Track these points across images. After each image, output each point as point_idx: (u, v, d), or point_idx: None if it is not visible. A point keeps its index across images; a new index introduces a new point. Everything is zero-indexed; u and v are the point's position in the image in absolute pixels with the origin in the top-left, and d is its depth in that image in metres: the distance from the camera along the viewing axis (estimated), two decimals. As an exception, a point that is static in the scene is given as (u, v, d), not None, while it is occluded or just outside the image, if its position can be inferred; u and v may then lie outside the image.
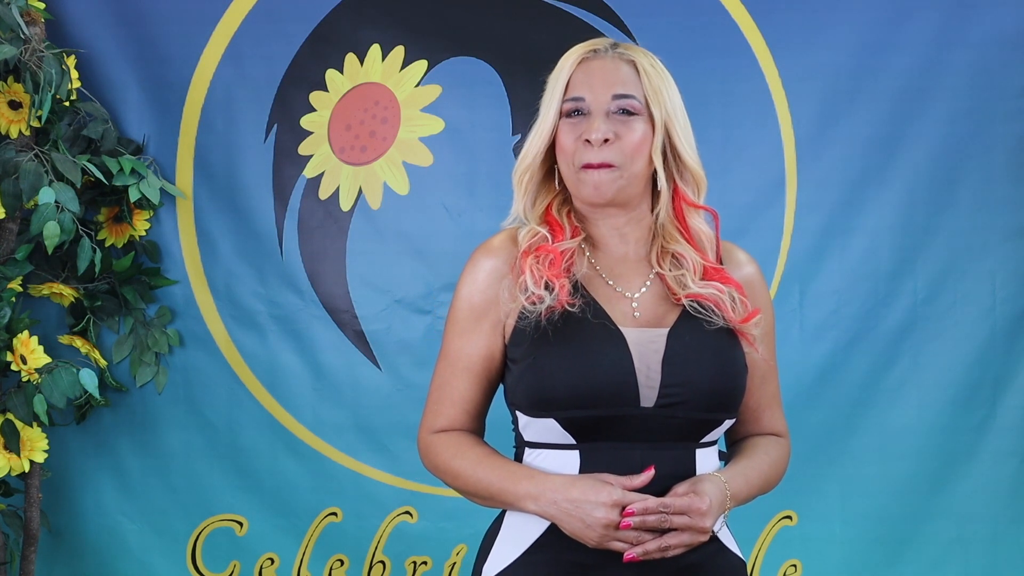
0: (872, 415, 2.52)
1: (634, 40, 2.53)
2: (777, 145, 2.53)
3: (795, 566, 2.52)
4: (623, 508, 1.31)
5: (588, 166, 1.41)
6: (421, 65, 2.57)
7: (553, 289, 1.38)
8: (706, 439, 1.42)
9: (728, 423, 1.44)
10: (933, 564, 2.51)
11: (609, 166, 1.41)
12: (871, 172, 2.52)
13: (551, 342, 1.38)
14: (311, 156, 2.59)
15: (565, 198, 1.49)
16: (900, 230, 2.52)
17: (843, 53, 2.52)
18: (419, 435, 1.51)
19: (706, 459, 1.41)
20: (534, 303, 1.38)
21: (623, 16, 2.55)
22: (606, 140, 1.40)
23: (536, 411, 1.40)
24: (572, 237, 1.45)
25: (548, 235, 1.44)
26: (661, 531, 1.32)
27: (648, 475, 1.34)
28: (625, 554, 1.32)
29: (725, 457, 1.50)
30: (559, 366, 1.36)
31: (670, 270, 1.45)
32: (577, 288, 1.41)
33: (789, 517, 2.52)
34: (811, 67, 2.52)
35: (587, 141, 1.40)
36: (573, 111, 1.43)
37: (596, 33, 2.53)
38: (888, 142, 2.52)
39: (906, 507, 2.51)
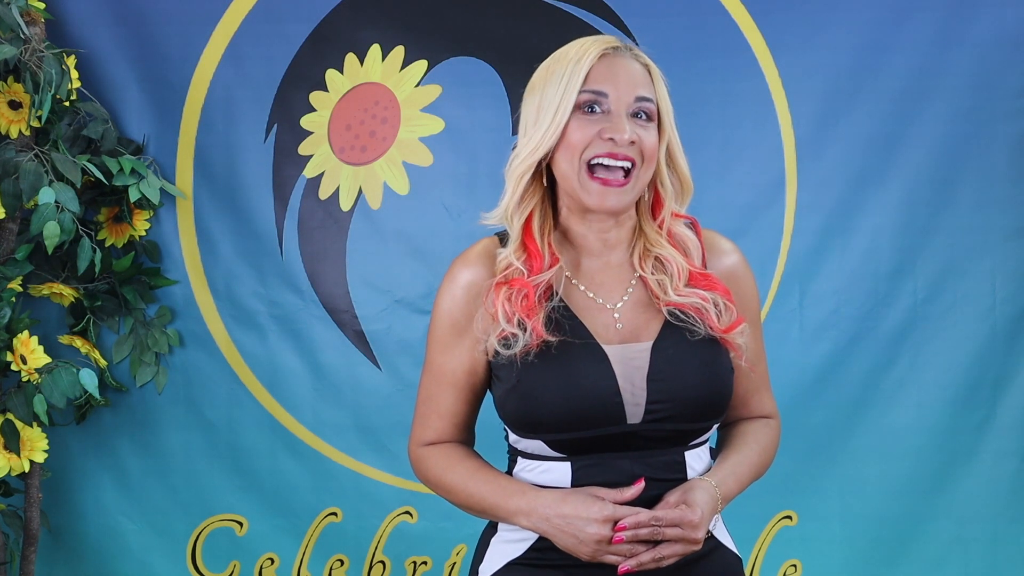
0: (872, 415, 2.52)
1: (634, 40, 2.53)
2: (777, 145, 2.53)
3: (795, 566, 2.52)
4: (615, 523, 1.31)
5: (596, 176, 1.37)
6: (421, 65, 2.56)
7: (526, 328, 1.36)
8: (695, 441, 1.42)
9: (715, 427, 1.44)
10: (933, 564, 2.51)
11: (629, 164, 1.36)
12: (871, 172, 2.52)
13: (534, 364, 1.36)
14: (311, 156, 2.59)
15: (545, 211, 1.45)
16: (900, 230, 2.52)
17: (843, 53, 2.52)
18: (409, 448, 1.52)
19: (696, 459, 1.42)
20: (506, 339, 1.37)
21: (623, 16, 2.55)
22: (631, 142, 1.35)
23: (523, 432, 1.40)
24: (550, 266, 1.41)
25: (523, 268, 1.40)
26: (654, 541, 1.32)
27: (638, 488, 1.34)
28: (620, 567, 1.32)
29: (714, 453, 1.50)
30: (543, 390, 1.36)
31: (652, 273, 1.43)
32: (551, 319, 1.38)
33: (789, 517, 2.52)
34: (811, 67, 2.52)
35: (611, 139, 1.35)
36: (591, 104, 1.37)
37: (596, 33, 2.52)
38: (888, 142, 2.52)
39: (906, 507, 2.51)
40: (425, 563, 2.55)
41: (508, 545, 1.44)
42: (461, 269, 1.46)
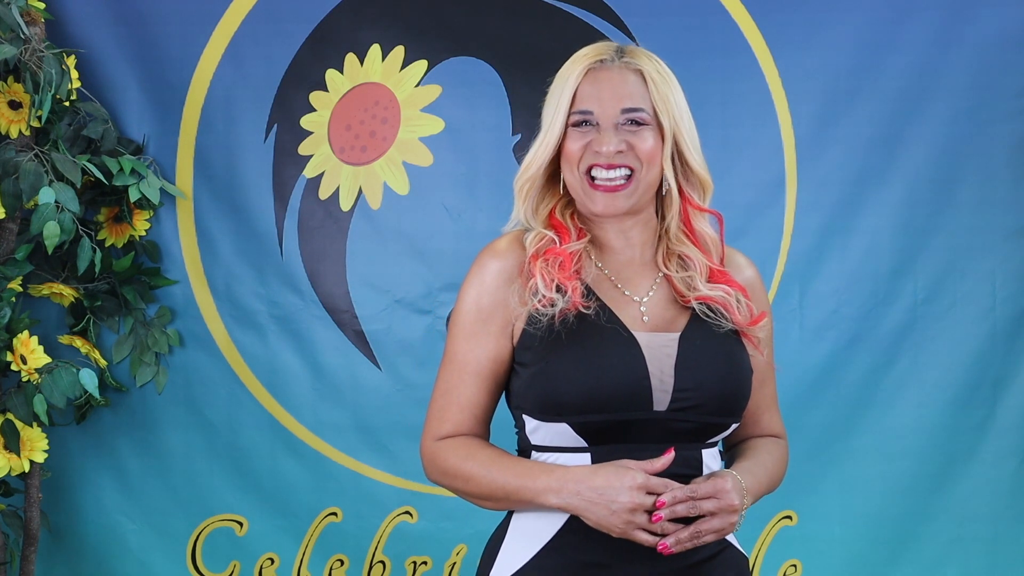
0: (872, 415, 2.52)
1: (634, 40, 2.53)
2: (777, 145, 2.53)
3: (795, 566, 2.52)
4: (648, 491, 1.31)
5: (597, 183, 1.42)
6: (421, 65, 2.56)
7: (565, 292, 1.38)
8: (711, 440, 1.43)
9: (733, 427, 1.45)
10: (933, 564, 2.51)
11: (627, 171, 1.41)
12: (871, 172, 2.52)
13: (563, 345, 1.37)
14: (311, 156, 2.59)
15: (569, 201, 1.49)
16: (900, 230, 2.52)
17: (843, 53, 2.52)
18: (423, 443, 1.48)
19: (711, 458, 1.43)
20: (546, 306, 1.38)
21: (623, 16, 2.54)
22: (619, 152, 1.40)
23: (548, 415, 1.39)
24: (578, 239, 1.45)
25: (556, 238, 1.44)
26: (689, 520, 1.33)
27: (668, 458, 1.34)
28: (658, 545, 1.31)
29: (726, 457, 1.50)
30: (573, 370, 1.36)
31: (677, 271, 1.46)
32: (588, 292, 1.41)
33: (789, 517, 2.52)
34: (811, 67, 2.52)
35: (597, 153, 1.41)
36: (580, 122, 1.43)
37: (596, 33, 2.52)
38: (888, 142, 2.52)
39: (906, 507, 2.51)
40: (425, 563, 2.55)
41: (520, 548, 1.41)
42: (490, 259, 1.46)
